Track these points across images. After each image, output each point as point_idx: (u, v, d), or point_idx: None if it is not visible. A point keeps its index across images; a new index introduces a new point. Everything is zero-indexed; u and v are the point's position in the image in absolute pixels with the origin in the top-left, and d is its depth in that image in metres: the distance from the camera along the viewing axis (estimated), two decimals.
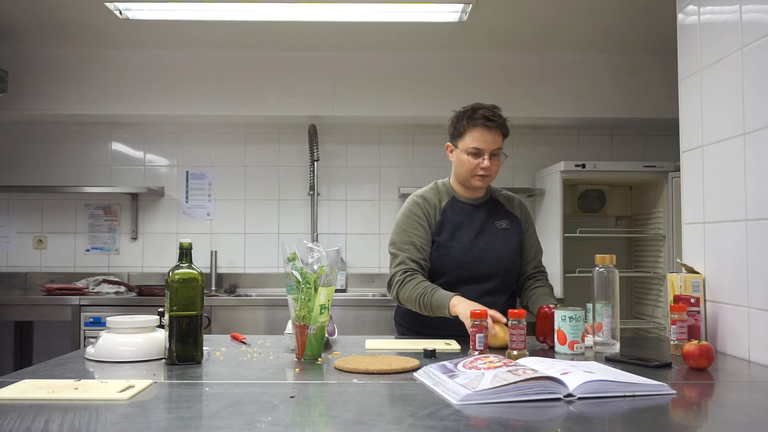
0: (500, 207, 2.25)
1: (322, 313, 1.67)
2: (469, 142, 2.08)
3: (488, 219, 2.20)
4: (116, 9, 3.19)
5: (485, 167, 2.08)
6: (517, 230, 2.23)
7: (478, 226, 2.18)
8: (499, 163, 2.13)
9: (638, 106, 3.93)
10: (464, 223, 2.18)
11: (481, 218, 2.19)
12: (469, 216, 2.19)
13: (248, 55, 3.92)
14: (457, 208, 2.19)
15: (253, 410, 1.16)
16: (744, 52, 1.79)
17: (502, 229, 2.20)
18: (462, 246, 2.15)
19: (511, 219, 2.23)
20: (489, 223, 2.19)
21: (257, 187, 4.20)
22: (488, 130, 2.07)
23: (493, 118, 2.07)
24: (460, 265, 2.14)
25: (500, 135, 2.10)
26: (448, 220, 2.18)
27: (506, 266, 2.18)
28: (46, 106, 3.87)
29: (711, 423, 1.24)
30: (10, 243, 4.14)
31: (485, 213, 2.21)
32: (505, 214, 2.23)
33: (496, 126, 2.07)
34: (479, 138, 2.07)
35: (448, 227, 2.17)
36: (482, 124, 2.06)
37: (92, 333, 3.38)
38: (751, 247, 1.75)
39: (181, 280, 1.60)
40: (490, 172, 2.11)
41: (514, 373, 1.26)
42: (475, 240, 2.16)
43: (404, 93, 3.91)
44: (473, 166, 2.09)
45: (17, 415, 1.12)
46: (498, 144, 2.09)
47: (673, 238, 3.62)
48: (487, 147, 2.07)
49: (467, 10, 3.19)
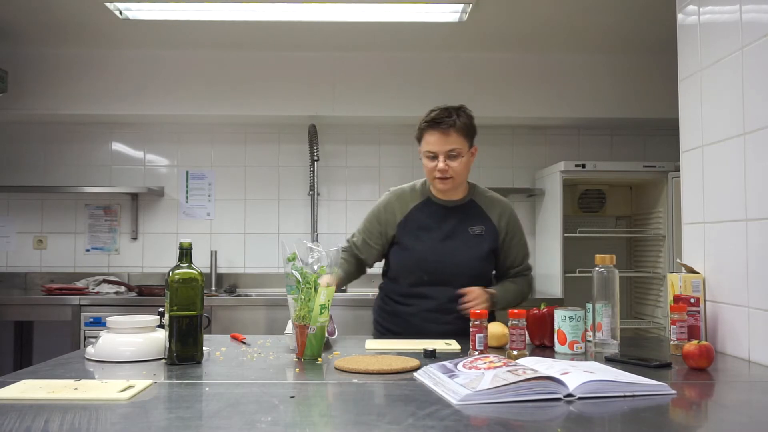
0: (478, 211, 2.19)
1: (322, 313, 1.67)
2: (423, 146, 2.10)
3: (461, 224, 2.16)
4: (116, 9, 3.19)
5: (441, 169, 2.06)
6: (491, 237, 2.17)
7: (447, 231, 2.15)
8: (462, 163, 2.08)
9: (638, 106, 3.93)
10: (432, 226, 2.15)
11: (453, 223, 2.16)
12: (439, 219, 2.16)
13: (248, 55, 3.92)
14: (428, 210, 2.18)
15: (253, 410, 1.16)
16: (744, 52, 1.79)
17: (474, 236, 2.15)
18: (424, 249, 2.12)
19: (486, 225, 2.17)
20: (461, 229, 2.15)
21: (257, 187, 4.20)
22: (439, 131, 2.05)
23: (442, 119, 2.05)
24: (421, 268, 2.11)
25: (456, 135, 2.06)
26: (413, 221, 2.17)
27: (471, 274, 2.14)
28: (46, 106, 3.87)
29: (711, 423, 1.24)
30: (10, 243, 4.14)
31: (459, 217, 2.17)
32: (481, 219, 2.18)
33: (447, 127, 2.04)
34: (431, 141, 2.07)
35: (412, 228, 2.15)
36: (431, 127, 2.06)
37: (92, 333, 3.38)
38: (751, 247, 1.75)
39: (181, 280, 1.60)
40: (448, 174, 2.07)
41: (514, 373, 1.26)
42: (441, 244, 2.13)
43: (404, 93, 3.91)
44: (431, 168, 2.09)
45: (17, 415, 1.12)
46: (453, 144, 2.05)
47: (673, 238, 3.62)
48: (439, 149, 2.06)
49: (467, 10, 3.19)
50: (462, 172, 2.10)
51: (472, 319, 1.71)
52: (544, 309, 1.86)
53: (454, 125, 2.05)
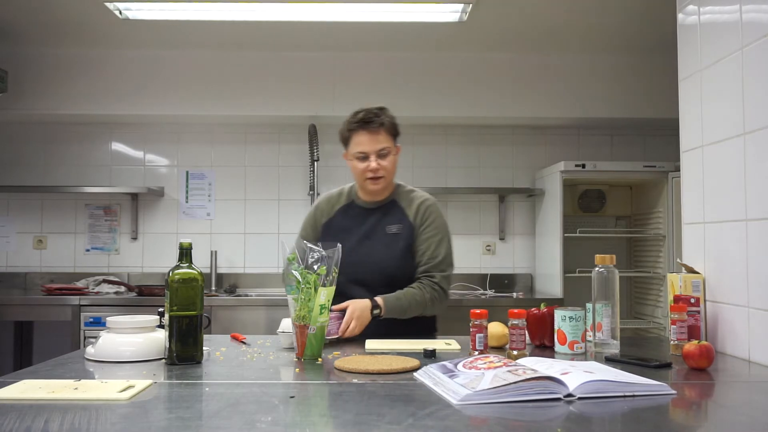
0: (397, 210, 2.19)
1: (322, 313, 1.67)
2: (353, 147, 2.12)
3: (379, 223, 2.16)
4: (116, 9, 3.19)
5: (373, 169, 2.09)
6: (408, 234, 2.15)
7: (365, 231, 2.16)
8: (391, 161, 2.12)
9: (638, 106, 3.93)
10: (353, 228, 2.16)
11: (372, 223, 2.17)
12: (360, 220, 2.18)
13: (248, 55, 3.92)
14: (350, 213, 2.20)
15: (253, 410, 1.16)
16: (744, 52, 1.79)
17: (391, 234, 2.14)
18: (345, 250, 2.08)
19: (404, 223, 2.16)
20: (378, 228, 2.16)
21: (257, 187, 4.20)
22: (368, 132, 2.08)
23: (370, 119, 2.08)
24: (340, 271, 2.06)
25: (384, 134, 2.10)
26: (335, 224, 2.20)
27: (388, 273, 2.10)
28: (46, 106, 3.87)
29: (711, 423, 1.24)
30: (10, 243, 4.15)
31: (377, 217, 2.17)
32: (399, 217, 2.17)
33: (376, 127, 2.08)
34: (361, 141, 2.09)
35: (335, 231, 2.16)
36: (361, 127, 2.08)
37: (92, 333, 3.38)
38: (751, 247, 1.75)
39: (181, 280, 1.60)
40: (380, 173, 2.10)
41: (514, 373, 1.26)
42: (358, 245, 2.13)
43: (404, 93, 3.91)
44: (362, 169, 2.11)
45: (17, 415, 1.12)
46: (382, 143, 2.09)
47: (673, 238, 3.62)
48: (370, 149, 2.08)
49: (467, 10, 3.19)
50: (392, 171, 2.15)
51: (472, 319, 1.72)
52: (544, 309, 1.86)
53: (383, 125, 2.09)
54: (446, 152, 4.24)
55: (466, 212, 4.22)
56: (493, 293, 3.91)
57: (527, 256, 4.21)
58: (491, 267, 4.18)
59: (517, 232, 4.24)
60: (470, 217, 4.23)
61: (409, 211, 2.18)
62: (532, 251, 4.20)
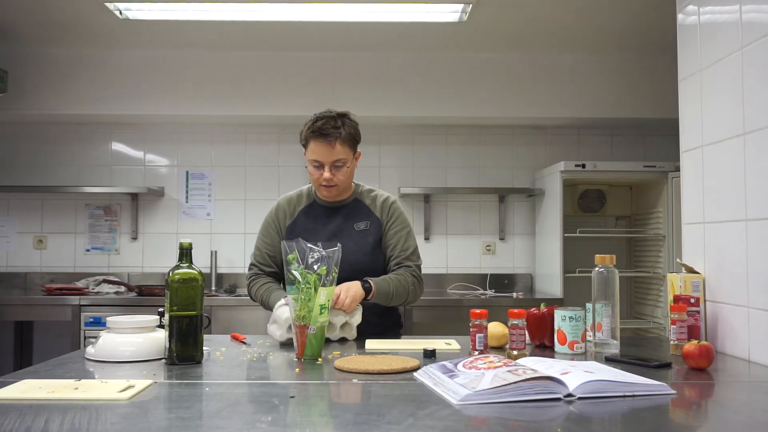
0: (362, 208, 2.21)
1: (322, 313, 1.67)
2: (309, 154, 2.10)
3: (346, 222, 2.17)
4: (116, 9, 3.19)
5: (326, 178, 2.07)
6: (376, 230, 2.17)
7: (333, 230, 2.15)
8: (346, 172, 2.09)
9: (638, 106, 3.93)
10: (318, 228, 2.16)
11: (339, 220, 2.17)
12: (324, 220, 2.18)
13: (248, 55, 3.92)
14: (313, 213, 2.20)
15: (253, 410, 1.16)
16: (744, 52, 1.79)
17: (359, 231, 2.16)
18: None
19: (371, 219, 2.18)
20: (346, 226, 2.16)
21: (257, 187, 4.20)
22: (325, 142, 2.04)
23: (327, 130, 2.03)
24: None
25: (341, 146, 2.05)
26: (300, 225, 2.18)
27: (359, 268, 2.09)
28: (46, 106, 3.87)
29: (711, 423, 1.24)
30: (10, 243, 4.15)
31: (344, 216, 2.18)
32: (365, 215, 2.19)
33: (333, 139, 2.03)
34: (316, 151, 2.06)
35: (300, 232, 2.12)
36: (317, 137, 2.04)
37: (92, 333, 3.38)
38: (751, 247, 1.75)
39: (181, 280, 1.60)
40: (333, 182, 2.09)
41: (514, 373, 1.26)
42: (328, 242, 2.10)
43: (404, 93, 3.91)
44: (316, 177, 2.10)
45: (17, 415, 1.12)
46: (338, 155, 2.05)
47: (673, 238, 3.62)
48: (325, 159, 2.06)
49: (467, 10, 3.19)
50: (346, 180, 2.14)
51: (472, 319, 1.72)
52: (544, 309, 1.86)
53: (339, 136, 2.05)
54: (446, 152, 4.24)
55: (466, 212, 4.23)
56: (493, 293, 3.91)
57: (527, 256, 4.21)
58: (491, 267, 4.18)
59: (517, 232, 4.24)
60: (470, 217, 4.23)
61: (374, 209, 2.21)
62: (532, 251, 4.20)
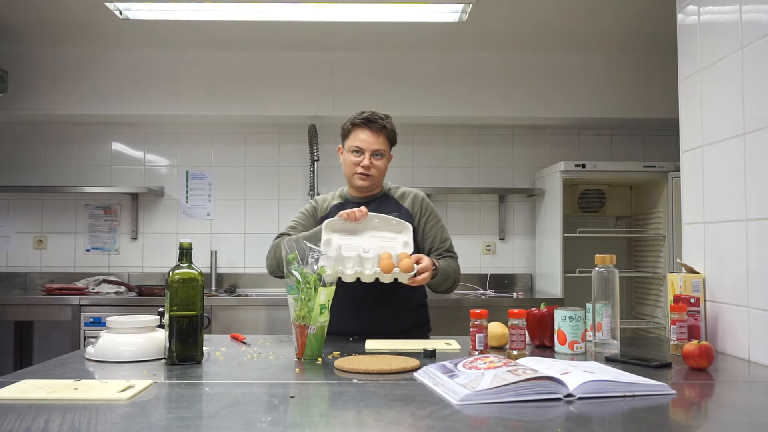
0: (391, 201, 2.28)
1: (322, 313, 1.67)
2: (351, 141, 2.20)
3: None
4: (116, 9, 3.19)
5: (365, 165, 2.17)
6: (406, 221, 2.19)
7: None
8: (383, 164, 2.21)
9: (638, 106, 3.93)
10: None
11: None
12: None
13: (248, 55, 3.92)
14: (344, 209, 2.21)
15: (253, 410, 1.16)
16: (744, 52, 1.79)
17: None
18: None
19: (401, 212, 2.24)
20: None
21: (257, 187, 4.20)
22: (370, 131, 2.17)
23: (376, 119, 2.18)
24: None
25: (383, 137, 2.19)
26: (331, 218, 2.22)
27: None
28: (46, 106, 3.87)
29: (711, 423, 1.24)
30: (10, 243, 4.15)
31: (373, 208, 2.22)
32: (394, 206, 2.25)
33: (378, 128, 2.17)
34: (360, 138, 2.18)
35: None
36: (364, 125, 2.18)
37: (92, 333, 3.38)
38: (751, 247, 1.75)
39: (181, 280, 1.60)
40: (371, 172, 2.18)
41: (514, 373, 1.26)
42: None
43: (404, 93, 3.91)
44: (354, 164, 2.19)
45: (17, 415, 1.12)
46: (379, 145, 2.18)
47: (673, 238, 3.62)
48: (367, 146, 2.17)
49: (467, 10, 3.19)
50: (382, 172, 2.23)
51: (472, 319, 1.72)
52: (544, 309, 1.86)
53: (384, 128, 2.19)
54: (446, 152, 4.24)
55: (466, 212, 4.23)
56: (493, 293, 3.91)
57: (527, 256, 4.21)
58: (491, 267, 4.18)
59: (517, 232, 4.24)
60: (470, 217, 4.23)
61: (403, 202, 2.28)
62: (532, 251, 4.20)
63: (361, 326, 2.08)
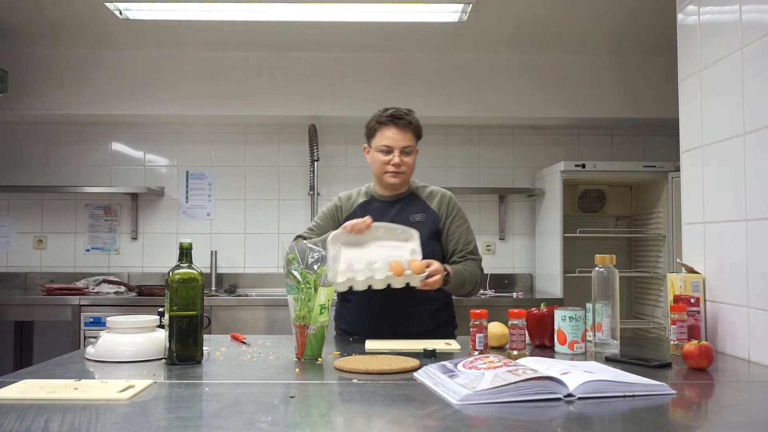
0: (418, 201, 2.26)
1: (322, 313, 1.67)
2: (379, 140, 2.17)
3: (401, 213, 2.21)
4: (116, 9, 3.19)
5: (395, 163, 2.15)
6: (432, 222, 2.21)
7: (389, 221, 2.17)
8: (412, 160, 2.20)
9: (638, 106, 3.93)
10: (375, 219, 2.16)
11: (394, 213, 2.21)
12: (381, 212, 2.20)
13: (248, 55, 3.92)
14: (370, 207, 2.23)
15: (253, 410, 1.16)
16: (744, 52, 1.79)
17: (414, 222, 2.18)
18: None
19: (426, 212, 2.22)
20: (402, 218, 2.19)
21: (257, 187, 4.20)
22: (397, 127, 2.15)
23: (401, 116, 2.16)
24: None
25: (410, 133, 2.18)
26: (356, 217, 2.16)
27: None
28: (46, 106, 3.87)
29: (711, 423, 1.24)
30: (10, 243, 4.14)
31: (399, 208, 2.22)
32: (421, 207, 2.24)
33: (405, 124, 2.16)
34: (388, 136, 2.15)
35: None
36: (390, 122, 2.15)
37: (92, 333, 3.38)
38: (751, 247, 1.75)
39: (181, 280, 1.60)
40: (401, 169, 2.17)
41: (514, 373, 1.26)
42: None
43: (404, 93, 3.90)
44: (385, 163, 2.16)
45: (17, 415, 1.12)
46: (407, 142, 2.17)
47: (673, 238, 3.62)
48: (396, 144, 2.15)
49: (467, 10, 3.19)
50: (412, 168, 2.22)
51: (472, 319, 1.72)
52: (544, 309, 1.86)
53: (411, 124, 2.18)
54: (446, 152, 4.24)
55: (466, 212, 4.18)
56: (493, 293, 3.90)
57: (527, 256, 4.21)
58: (491, 267, 4.18)
59: (517, 232, 4.24)
60: (470, 217, 4.13)
61: (430, 202, 2.26)
62: (532, 251, 4.20)
63: (387, 328, 2.06)
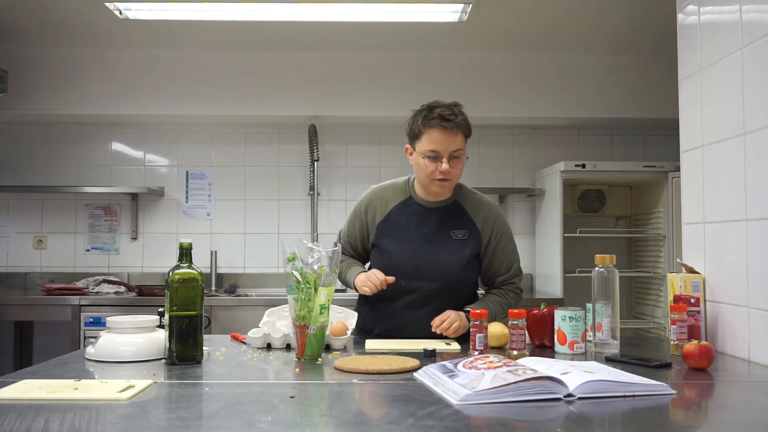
0: (462, 214, 2.05)
1: (322, 313, 1.67)
2: (425, 145, 1.94)
3: (443, 226, 2.03)
4: (116, 9, 3.19)
5: (444, 171, 1.92)
6: (474, 242, 2.03)
7: (427, 234, 2.02)
8: (461, 165, 1.97)
9: (638, 106, 3.93)
10: (412, 229, 2.04)
11: (435, 224, 2.03)
12: (421, 220, 2.04)
13: (248, 55, 3.92)
14: (408, 211, 2.05)
15: (253, 410, 1.16)
16: (744, 52, 1.79)
17: (456, 240, 2.02)
18: (402, 253, 2.01)
19: (470, 229, 2.03)
20: (443, 232, 2.02)
21: (257, 187, 4.20)
22: (445, 130, 1.90)
23: (451, 117, 1.91)
24: (399, 275, 1.97)
25: (460, 135, 1.94)
26: (392, 224, 2.05)
27: (451, 280, 2.01)
28: (46, 106, 3.87)
29: (711, 423, 1.24)
30: (10, 243, 4.14)
31: (441, 219, 2.04)
32: (465, 222, 2.04)
33: (454, 126, 1.91)
34: (436, 140, 1.91)
35: (392, 230, 2.04)
36: (438, 125, 1.91)
37: (92, 333, 3.37)
38: (751, 247, 1.75)
39: (181, 280, 1.60)
40: (450, 176, 1.94)
41: (514, 373, 1.26)
42: (421, 248, 2.01)
43: (404, 93, 3.90)
44: (431, 170, 1.94)
45: (17, 415, 1.12)
46: (457, 145, 1.93)
47: (673, 238, 3.62)
48: (444, 149, 1.91)
49: (467, 10, 3.19)
50: (459, 175, 2.00)
51: (472, 319, 1.72)
52: (544, 309, 1.86)
53: (459, 125, 1.93)
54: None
55: None
56: None
57: (527, 256, 4.20)
58: None
59: (517, 232, 4.19)
60: None
61: (475, 218, 2.05)
62: (532, 251, 4.20)
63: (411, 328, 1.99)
